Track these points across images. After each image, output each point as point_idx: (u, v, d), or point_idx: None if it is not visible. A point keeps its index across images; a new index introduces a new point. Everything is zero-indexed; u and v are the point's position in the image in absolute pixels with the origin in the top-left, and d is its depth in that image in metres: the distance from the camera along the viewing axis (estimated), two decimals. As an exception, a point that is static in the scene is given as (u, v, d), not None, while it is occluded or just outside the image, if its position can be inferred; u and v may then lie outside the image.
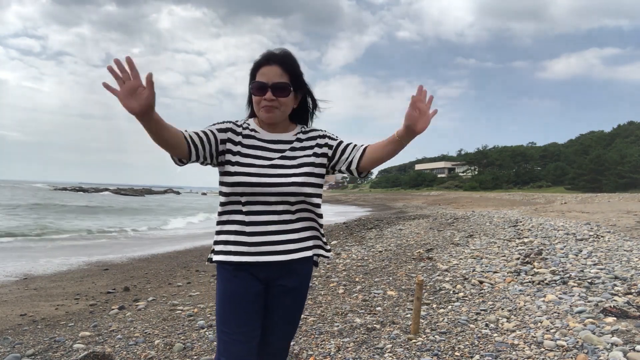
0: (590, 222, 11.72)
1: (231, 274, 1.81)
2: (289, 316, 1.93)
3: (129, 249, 11.76)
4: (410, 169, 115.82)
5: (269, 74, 1.80)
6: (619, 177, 52.43)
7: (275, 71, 1.80)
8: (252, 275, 1.82)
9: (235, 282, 1.81)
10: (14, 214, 23.06)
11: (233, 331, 1.80)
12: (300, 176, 1.81)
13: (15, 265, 8.80)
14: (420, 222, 16.61)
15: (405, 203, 42.24)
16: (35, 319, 4.85)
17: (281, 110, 1.83)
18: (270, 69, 1.80)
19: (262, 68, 1.82)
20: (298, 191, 1.80)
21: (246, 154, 1.84)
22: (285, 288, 1.88)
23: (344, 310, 4.46)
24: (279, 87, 1.80)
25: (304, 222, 1.89)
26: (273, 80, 1.79)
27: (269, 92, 1.79)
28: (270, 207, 1.81)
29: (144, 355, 3.44)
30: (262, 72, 1.81)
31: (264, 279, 1.85)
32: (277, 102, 1.81)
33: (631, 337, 3.34)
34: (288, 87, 1.82)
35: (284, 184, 1.79)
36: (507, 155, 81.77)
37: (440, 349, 3.35)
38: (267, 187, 1.78)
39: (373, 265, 7.13)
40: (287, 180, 1.80)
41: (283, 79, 1.80)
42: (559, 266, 6.11)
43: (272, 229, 1.81)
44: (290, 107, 1.88)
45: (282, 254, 1.83)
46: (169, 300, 5.53)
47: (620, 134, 70.96)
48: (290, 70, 1.83)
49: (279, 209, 1.81)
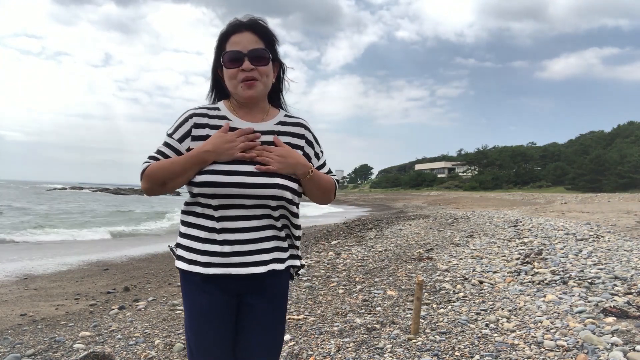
0: (590, 222, 11.72)
1: (198, 287, 1.57)
2: (266, 340, 1.64)
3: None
4: (410, 169, 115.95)
5: (242, 42, 1.55)
6: (619, 177, 52.47)
7: (249, 37, 1.55)
8: (221, 289, 1.57)
9: (203, 297, 1.57)
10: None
11: (202, 355, 1.60)
12: (283, 178, 1.55)
13: (15, 266, 8.80)
14: (420, 222, 16.61)
15: (405, 203, 42.23)
16: (35, 319, 4.85)
17: (262, 82, 1.57)
18: (242, 36, 1.55)
19: (232, 37, 1.56)
20: (280, 194, 1.54)
21: None
22: (259, 307, 1.62)
23: (344, 310, 4.46)
24: (256, 54, 1.54)
25: (284, 230, 1.65)
26: (249, 47, 1.54)
27: (246, 62, 1.53)
28: (247, 211, 1.54)
29: (144, 355, 3.44)
30: (233, 40, 1.56)
31: (235, 293, 1.60)
32: (257, 72, 1.54)
33: (631, 337, 3.33)
34: (267, 54, 1.57)
35: (265, 185, 1.52)
36: (507, 155, 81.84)
37: (440, 349, 3.35)
38: (243, 189, 1.51)
39: (373, 265, 7.13)
40: (269, 180, 1.52)
41: (260, 45, 1.56)
42: (559, 266, 6.11)
43: (248, 237, 1.55)
44: (271, 79, 1.62)
45: (256, 266, 1.56)
46: (169, 300, 5.53)
47: (620, 134, 71.03)
48: (265, 37, 1.58)
49: (257, 214, 1.56)
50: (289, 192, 1.56)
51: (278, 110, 1.69)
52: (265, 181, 1.52)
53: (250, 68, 1.53)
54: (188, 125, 1.58)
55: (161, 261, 9.52)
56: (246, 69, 1.53)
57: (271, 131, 1.61)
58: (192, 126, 1.58)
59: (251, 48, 1.54)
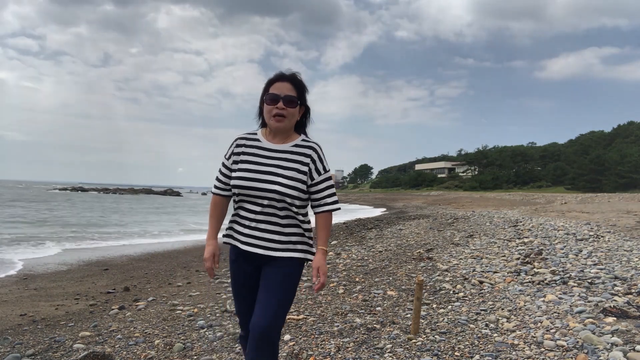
0: (590, 222, 11.72)
1: (233, 255, 2.26)
2: (271, 286, 2.15)
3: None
4: (410, 169, 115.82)
5: (281, 88, 2.16)
6: (619, 177, 52.44)
7: (287, 86, 2.17)
8: (245, 260, 2.22)
9: (235, 265, 2.27)
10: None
11: (237, 308, 2.34)
12: (284, 185, 2.12)
13: (16, 267, 8.79)
14: (420, 222, 16.61)
15: (405, 203, 42.24)
16: (35, 319, 4.85)
17: (288, 119, 2.17)
18: (282, 85, 2.17)
19: (275, 83, 2.17)
20: (279, 197, 2.12)
21: (246, 161, 2.19)
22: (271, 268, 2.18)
23: (344, 310, 4.46)
24: (289, 99, 2.15)
25: (291, 227, 2.19)
26: (285, 92, 2.15)
27: (280, 102, 2.14)
28: (258, 207, 2.16)
29: (144, 355, 3.44)
30: (275, 86, 2.17)
31: (256, 265, 2.21)
32: (286, 111, 2.15)
33: (631, 337, 3.33)
34: (296, 100, 2.18)
35: (269, 190, 2.12)
36: (507, 155, 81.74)
37: (440, 349, 3.34)
38: (255, 191, 2.13)
39: (373, 265, 7.13)
40: (271, 187, 2.12)
41: (292, 93, 2.16)
42: (559, 266, 6.11)
43: (257, 226, 2.17)
44: (296, 117, 2.21)
45: (263, 249, 2.17)
46: (169, 300, 5.53)
47: (620, 134, 70.92)
48: (299, 88, 2.20)
49: (267, 211, 2.15)
50: (292, 192, 2.12)
51: (299, 135, 2.26)
52: (270, 187, 2.12)
53: (282, 107, 2.14)
54: (232, 147, 2.28)
55: (161, 261, 9.52)
56: (279, 108, 2.14)
57: (288, 151, 2.19)
58: (234, 147, 2.27)
59: (286, 94, 2.15)
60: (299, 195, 2.14)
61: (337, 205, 2.25)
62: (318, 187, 2.20)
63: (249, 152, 2.21)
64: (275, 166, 2.15)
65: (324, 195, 2.21)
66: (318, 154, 2.21)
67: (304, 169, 2.16)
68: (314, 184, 2.19)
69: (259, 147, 2.21)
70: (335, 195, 2.26)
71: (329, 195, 2.22)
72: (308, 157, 2.19)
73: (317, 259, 2.20)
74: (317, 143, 2.24)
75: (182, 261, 9.41)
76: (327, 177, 2.23)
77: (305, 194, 2.17)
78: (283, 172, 2.14)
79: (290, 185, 2.11)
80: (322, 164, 2.22)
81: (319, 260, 2.19)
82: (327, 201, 2.21)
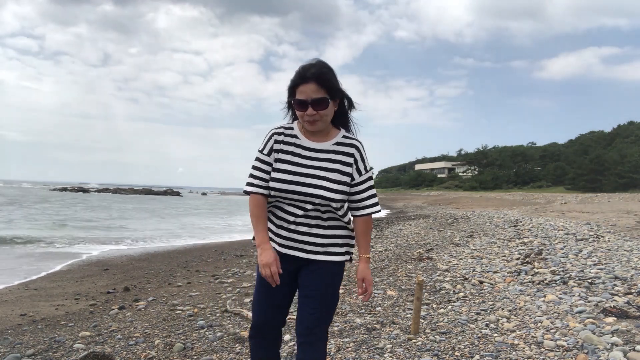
0: (590, 222, 11.71)
1: None
2: (313, 290, 2.04)
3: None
4: (410, 169, 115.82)
5: (307, 92, 1.96)
6: (619, 177, 52.38)
7: (312, 88, 1.95)
8: (281, 261, 2.03)
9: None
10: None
11: (257, 307, 2.17)
12: (331, 190, 1.99)
13: (16, 268, 8.80)
14: (420, 222, 16.61)
15: (405, 203, 42.22)
16: (35, 319, 4.85)
17: (323, 120, 2.00)
18: (307, 87, 1.96)
19: (300, 86, 1.97)
20: (325, 202, 1.99)
21: (285, 160, 2.04)
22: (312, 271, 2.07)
23: (344, 310, 4.46)
24: (317, 102, 1.96)
25: (333, 229, 2.08)
26: (312, 96, 1.95)
27: (309, 108, 1.96)
28: (301, 211, 2.03)
29: (144, 355, 3.44)
30: (300, 90, 1.97)
31: (294, 267, 2.08)
32: (317, 115, 1.98)
33: (631, 337, 3.33)
34: (326, 100, 1.98)
35: (314, 195, 1.99)
36: (507, 155, 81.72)
37: (440, 349, 3.34)
38: (298, 195, 2.00)
39: (373, 265, 7.13)
40: (317, 192, 1.98)
41: (320, 94, 1.96)
42: (559, 266, 6.11)
43: (297, 229, 2.05)
44: (331, 115, 2.04)
45: (304, 252, 2.06)
46: (169, 300, 5.53)
47: (620, 134, 70.91)
48: (327, 85, 1.97)
49: (310, 214, 2.03)
50: (333, 194, 1.99)
51: (339, 130, 2.11)
52: (311, 191, 1.99)
53: (312, 113, 1.97)
54: (271, 142, 2.07)
55: (161, 261, 9.52)
56: (309, 114, 1.97)
57: (330, 150, 2.05)
58: (273, 142, 2.07)
59: (314, 97, 1.95)
60: (344, 199, 2.04)
61: (377, 207, 2.12)
62: (359, 187, 2.07)
63: (287, 151, 2.05)
64: (318, 168, 2.01)
65: (364, 197, 2.08)
66: (360, 153, 2.08)
67: (348, 170, 2.04)
68: (355, 184, 2.06)
69: (298, 145, 2.05)
70: (376, 197, 2.13)
71: (369, 197, 2.09)
72: (351, 156, 2.06)
73: (361, 269, 2.09)
74: (358, 140, 2.11)
75: (182, 261, 9.41)
76: (368, 176, 2.11)
77: (345, 195, 2.05)
78: (328, 175, 2.00)
79: (336, 190, 1.99)
80: (364, 163, 2.08)
81: (363, 271, 2.08)
82: (367, 203, 2.09)
